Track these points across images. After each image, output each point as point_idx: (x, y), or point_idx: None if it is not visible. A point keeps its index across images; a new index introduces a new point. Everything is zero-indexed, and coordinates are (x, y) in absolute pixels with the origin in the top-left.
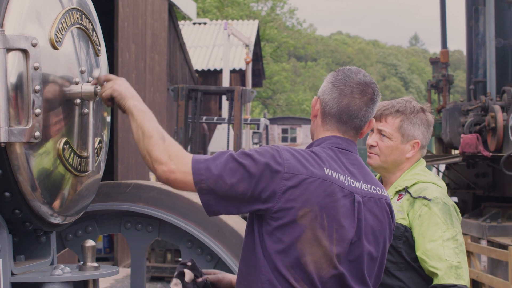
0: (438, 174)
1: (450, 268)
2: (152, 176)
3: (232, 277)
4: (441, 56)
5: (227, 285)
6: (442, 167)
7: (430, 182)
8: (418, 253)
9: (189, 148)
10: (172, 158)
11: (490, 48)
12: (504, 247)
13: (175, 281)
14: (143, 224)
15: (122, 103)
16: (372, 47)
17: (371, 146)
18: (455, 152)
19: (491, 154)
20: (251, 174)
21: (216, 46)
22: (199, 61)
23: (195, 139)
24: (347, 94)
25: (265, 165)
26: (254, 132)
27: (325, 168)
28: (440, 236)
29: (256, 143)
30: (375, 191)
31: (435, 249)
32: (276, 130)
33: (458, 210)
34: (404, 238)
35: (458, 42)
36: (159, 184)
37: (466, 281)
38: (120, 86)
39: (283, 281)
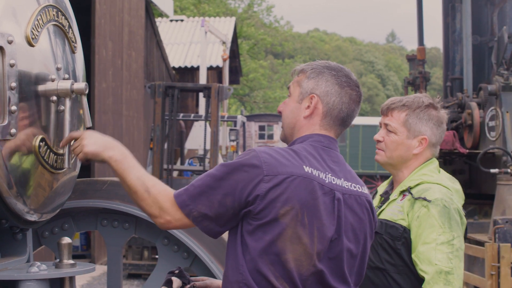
0: None
1: (439, 273)
2: None
3: (220, 283)
4: (417, 53)
5: None
6: None
7: (435, 183)
8: (412, 255)
9: (166, 145)
10: (163, 208)
11: (466, 45)
12: (480, 244)
13: None
14: (119, 221)
15: (98, 160)
16: (349, 44)
17: (378, 141)
18: None
19: (467, 151)
20: (234, 185)
21: (193, 43)
22: (176, 58)
23: (172, 136)
24: (354, 98)
25: (246, 173)
26: (231, 129)
27: (304, 166)
28: (435, 239)
29: (233, 140)
30: (356, 189)
31: (427, 252)
32: (253, 127)
33: (462, 213)
34: (403, 239)
35: (435, 39)
36: None
37: None
38: (88, 146)
39: (262, 280)
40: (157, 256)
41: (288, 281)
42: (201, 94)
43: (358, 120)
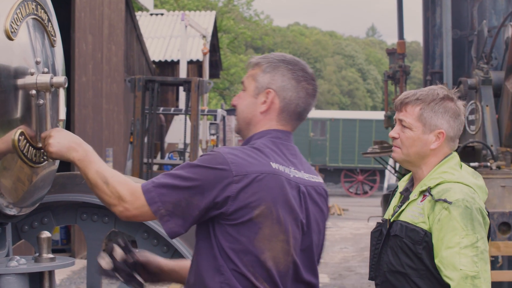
0: (395, 165)
1: (465, 278)
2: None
3: (161, 260)
4: (398, 47)
5: (155, 268)
6: None
7: (456, 181)
8: (436, 261)
9: (146, 139)
10: (121, 197)
11: (446, 39)
12: None
13: (104, 256)
14: (99, 215)
15: (64, 159)
16: (329, 38)
17: (394, 139)
18: None
19: None
20: (202, 187)
21: (173, 37)
22: (156, 52)
23: (152, 130)
24: (310, 92)
25: (214, 174)
26: (211, 123)
27: (271, 163)
28: (458, 243)
29: (213, 134)
30: (314, 179)
31: (450, 257)
32: (233, 121)
33: (485, 213)
34: (425, 243)
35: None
36: None
37: None
38: (53, 147)
39: (243, 279)
40: (138, 250)
41: (268, 281)
42: (181, 88)
43: (338, 114)
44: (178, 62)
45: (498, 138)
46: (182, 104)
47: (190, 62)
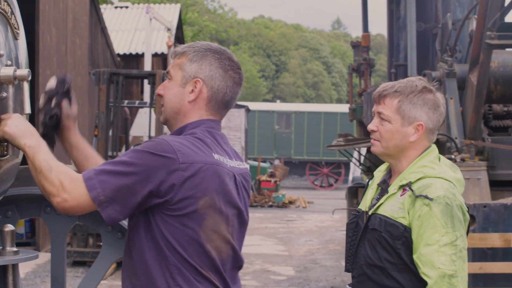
0: (359, 158)
1: (442, 277)
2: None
3: (80, 139)
4: (362, 39)
5: (72, 139)
6: (364, 151)
7: (437, 176)
8: (414, 256)
9: (110, 132)
10: (62, 186)
11: (411, 32)
12: None
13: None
14: None
15: (14, 143)
16: (294, 31)
17: (372, 131)
18: None
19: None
20: (146, 172)
21: (138, 30)
22: (121, 45)
23: (116, 123)
24: (237, 81)
25: (159, 160)
26: None
27: (213, 154)
28: (437, 240)
29: None
30: (242, 166)
31: (429, 254)
32: None
33: (465, 209)
34: (404, 238)
35: (380, 26)
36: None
37: None
38: (10, 127)
39: (191, 270)
40: (101, 243)
41: (213, 270)
42: (146, 81)
43: (303, 107)
44: (142, 55)
45: (463, 131)
46: (147, 97)
47: (154, 55)
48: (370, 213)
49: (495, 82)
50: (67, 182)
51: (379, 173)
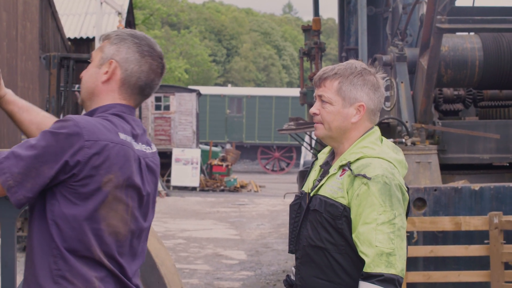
0: (310, 142)
1: (380, 255)
2: None
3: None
4: (313, 23)
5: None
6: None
7: (377, 157)
8: (353, 236)
9: (61, 116)
10: None
11: (361, 16)
12: None
13: None
14: None
15: None
16: (246, 15)
17: (314, 115)
18: None
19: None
20: (52, 153)
21: (88, 14)
22: (72, 29)
23: (67, 107)
24: (154, 68)
25: (65, 138)
26: None
27: (119, 133)
28: (375, 219)
29: None
30: (149, 151)
31: (367, 233)
32: (149, 98)
33: (404, 189)
34: (344, 217)
35: (331, 10)
36: None
37: (398, 270)
38: None
39: (82, 247)
40: None
41: (107, 250)
42: None
43: (254, 91)
44: (93, 39)
45: (413, 115)
46: None
47: None
48: (311, 194)
49: (445, 66)
50: None
51: (323, 155)
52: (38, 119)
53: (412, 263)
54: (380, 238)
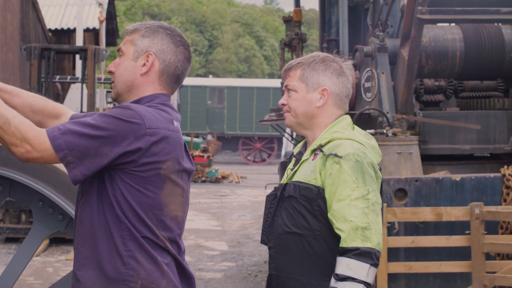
0: (292, 132)
1: (355, 229)
2: None
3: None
4: (294, 14)
5: None
6: None
7: (347, 138)
8: (328, 214)
9: None
10: (25, 138)
11: (342, 6)
12: None
13: None
14: None
15: None
16: (227, 6)
17: (283, 105)
18: None
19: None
20: (114, 137)
21: (69, 4)
22: (52, 20)
23: (48, 98)
24: (187, 57)
25: (126, 125)
26: (108, 91)
27: (174, 121)
28: (348, 195)
29: (110, 102)
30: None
31: (341, 209)
32: None
33: (377, 167)
34: (320, 199)
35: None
36: None
37: (374, 243)
38: None
39: (147, 231)
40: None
41: (169, 234)
42: (77, 56)
43: (235, 82)
44: (74, 30)
45: (394, 105)
46: (78, 73)
47: (86, 30)
48: (285, 182)
49: (426, 57)
50: (30, 135)
51: (298, 149)
52: (29, 101)
53: (393, 254)
54: (355, 213)
